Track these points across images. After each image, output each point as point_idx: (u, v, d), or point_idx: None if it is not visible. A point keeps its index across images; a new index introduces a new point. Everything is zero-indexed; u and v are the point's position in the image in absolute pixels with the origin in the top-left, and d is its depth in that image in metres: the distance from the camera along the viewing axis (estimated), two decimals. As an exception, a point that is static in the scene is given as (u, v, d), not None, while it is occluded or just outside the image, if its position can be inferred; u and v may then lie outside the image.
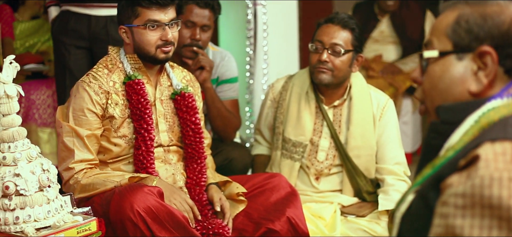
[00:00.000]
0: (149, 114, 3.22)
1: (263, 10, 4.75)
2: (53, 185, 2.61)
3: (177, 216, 2.96)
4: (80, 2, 4.11)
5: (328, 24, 3.60)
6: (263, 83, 4.77)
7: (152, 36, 3.22)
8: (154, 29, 3.21)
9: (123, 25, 3.27)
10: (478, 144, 1.55)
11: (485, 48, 1.70)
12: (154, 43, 3.22)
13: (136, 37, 3.24)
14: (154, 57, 3.25)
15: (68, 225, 2.61)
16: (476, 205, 1.47)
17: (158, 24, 3.21)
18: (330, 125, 3.67)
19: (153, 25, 3.21)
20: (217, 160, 3.71)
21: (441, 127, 1.75)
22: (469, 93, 1.73)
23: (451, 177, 1.53)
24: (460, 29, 1.74)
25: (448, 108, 1.75)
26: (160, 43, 3.22)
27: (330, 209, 3.62)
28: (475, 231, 1.46)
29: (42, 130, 5.34)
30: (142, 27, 3.21)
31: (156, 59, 3.26)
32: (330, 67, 3.55)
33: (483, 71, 1.71)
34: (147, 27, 3.21)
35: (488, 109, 1.67)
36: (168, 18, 3.22)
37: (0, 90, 2.51)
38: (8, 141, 2.54)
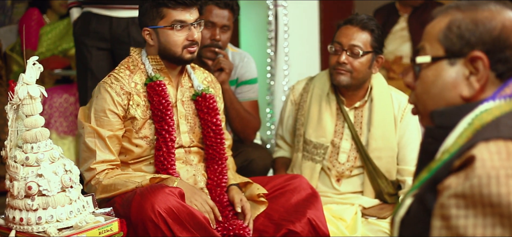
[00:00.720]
0: (170, 115, 3.23)
1: (284, 11, 4.75)
2: (76, 186, 2.62)
3: (198, 217, 2.97)
4: (102, 3, 4.13)
5: (347, 26, 3.59)
6: (283, 84, 4.76)
7: (178, 37, 3.23)
8: (180, 29, 3.23)
9: (148, 27, 3.28)
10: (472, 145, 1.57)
11: (476, 53, 1.71)
12: (180, 44, 3.24)
13: (161, 38, 3.25)
14: (180, 57, 3.26)
15: (90, 225, 2.63)
16: (477, 204, 1.49)
17: (184, 25, 3.23)
18: (351, 126, 3.66)
19: (179, 26, 3.22)
20: (237, 161, 3.72)
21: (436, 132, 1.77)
22: (461, 98, 1.75)
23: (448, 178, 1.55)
24: (451, 34, 1.75)
25: (442, 113, 1.76)
26: (186, 43, 3.24)
27: (351, 211, 3.61)
28: (478, 230, 1.48)
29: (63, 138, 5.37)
30: (169, 28, 3.23)
31: (182, 60, 3.28)
32: (348, 69, 3.55)
33: (475, 76, 1.73)
34: (173, 28, 3.22)
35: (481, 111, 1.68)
36: (193, 18, 3.25)
37: (24, 91, 2.53)
38: (31, 141, 2.55)
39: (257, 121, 4.08)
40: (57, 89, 5.47)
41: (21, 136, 2.59)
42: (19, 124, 2.58)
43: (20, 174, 2.54)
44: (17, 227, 2.58)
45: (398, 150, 3.66)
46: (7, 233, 2.58)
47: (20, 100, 2.53)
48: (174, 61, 3.29)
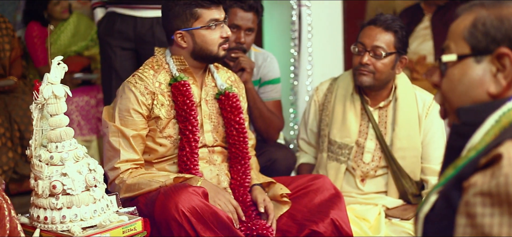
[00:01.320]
0: (194, 115, 3.24)
1: (307, 11, 4.74)
2: (99, 185, 2.63)
3: (222, 217, 2.97)
4: (126, 3, 4.14)
5: (370, 26, 3.58)
6: (307, 85, 4.75)
7: (215, 35, 3.27)
8: (215, 28, 3.26)
9: (180, 30, 3.28)
10: (500, 142, 1.56)
11: (503, 50, 1.70)
12: (216, 42, 3.27)
13: (197, 39, 3.26)
14: (216, 55, 3.29)
15: (114, 224, 2.64)
16: (503, 203, 1.48)
17: (218, 23, 3.26)
18: (376, 126, 3.65)
19: (215, 24, 3.25)
20: (261, 161, 3.71)
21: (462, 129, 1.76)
22: (488, 95, 1.74)
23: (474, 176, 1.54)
24: (477, 32, 1.74)
25: (468, 110, 1.75)
26: (221, 41, 3.28)
27: (375, 211, 3.60)
28: (504, 230, 1.47)
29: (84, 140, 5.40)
30: (206, 27, 3.24)
31: (218, 57, 3.31)
32: (371, 70, 3.54)
33: (501, 73, 1.72)
34: (210, 27, 3.24)
35: (508, 108, 1.68)
36: (223, 16, 3.30)
37: (48, 90, 2.54)
38: (56, 141, 2.57)
39: (280, 121, 4.08)
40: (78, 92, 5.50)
41: (45, 135, 2.60)
42: (43, 124, 2.60)
43: (44, 173, 2.56)
44: (42, 226, 2.60)
45: (422, 148, 3.64)
46: (32, 232, 2.60)
47: (45, 100, 2.55)
48: (209, 60, 3.32)
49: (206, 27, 3.25)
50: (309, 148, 3.94)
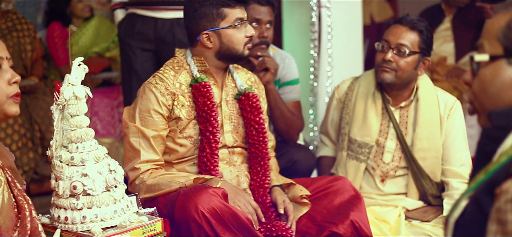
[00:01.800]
0: (215, 116, 3.24)
1: (327, 13, 4.73)
2: (120, 186, 2.64)
3: (241, 218, 2.97)
4: (147, 5, 4.15)
5: (396, 25, 3.58)
6: (327, 86, 4.75)
7: (240, 34, 3.28)
8: (240, 27, 3.27)
9: (207, 30, 3.28)
10: None
11: None
12: (242, 41, 3.29)
13: (224, 39, 3.27)
14: (241, 54, 3.31)
15: (134, 225, 2.64)
16: None
17: (243, 22, 3.28)
18: (397, 126, 3.64)
19: (240, 24, 3.27)
20: (281, 162, 3.71)
21: (494, 133, 1.72)
22: None
23: (506, 182, 1.51)
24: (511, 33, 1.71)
25: (500, 114, 1.72)
26: (246, 40, 3.29)
27: (395, 213, 3.59)
28: None
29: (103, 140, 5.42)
30: (232, 27, 3.25)
31: (243, 57, 3.33)
32: (394, 67, 3.53)
33: None
34: (236, 27, 3.25)
35: None
36: (246, 15, 3.31)
37: (69, 91, 2.55)
38: (76, 141, 2.58)
39: (300, 122, 4.07)
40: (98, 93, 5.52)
41: (66, 136, 2.61)
42: (64, 124, 2.61)
43: (65, 173, 2.57)
44: (62, 226, 2.61)
45: (442, 150, 3.63)
46: (52, 232, 2.61)
47: (66, 101, 2.56)
48: (234, 59, 3.34)
49: (232, 27, 3.26)
50: (330, 143, 3.94)
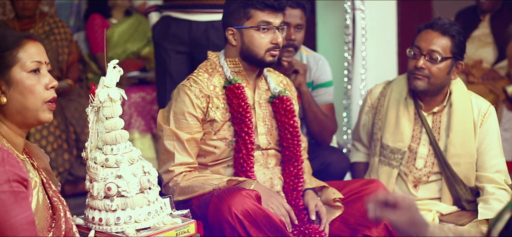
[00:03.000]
0: (250, 117, 3.25)
1: (361, 15, 4.72)
2: (154, 187, 2.65)
3: (274, 220, 2.98)
4: (181, 8, 4.17)
5: (427, 30, 3.54)
6: (361, 89, 4.73)
7: (262, 38, 3.26)
8: (265, 31, 3.25)
9: (232, 27, 3.30)
10: None
11: None
12: (264, 46, 3.26)
13: (245, 39, 3.27)
14: (262, 59, 3.28)
15: (168, 227, 2.64)
16: None
17: (270, 27, 3.25)
18: (429, 131, 3.62)
19: (265, 27, 3.24)
20: (314, 165, 3.70)
21: None
22: None
23: None
24: None
25: None
26: (270, 46, 3.26)
27: (428, 217, 3.56)
28: None
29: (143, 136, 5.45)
30: (255, 28, 3.25)
31: (263, 62, 3.30)
32: (426, 74, 3.50)
33: None
34: (259, 29, 3.25)
35: None
36: (279, 21, 3.28)
37: (104, 93, 2.57)
38: (111, 143, 2.59)
39: (334, 124, 4.06)
40: (134, 89, 5.56)
41: (101, 137, 2.63)
42: (99, 126, 2.62)
43: (99, 175, 2.58)
44: (96, 227, 2.62)
45: (477, 156, 3.59)
46: (87, 233, 2.63)
47: (101, 103, 2.58)
48: (254, 63, 3.32)
49: (255, 28, 3.26)
50: (363, 149, 3.93)
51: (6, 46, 2.37)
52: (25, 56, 2.39)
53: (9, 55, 2.37)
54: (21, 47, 2.39)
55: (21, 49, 2.39)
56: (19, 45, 2.39)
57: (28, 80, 2.39)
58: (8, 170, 2.22)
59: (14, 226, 2.21)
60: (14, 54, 2.37)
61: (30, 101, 2.40)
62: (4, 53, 2.36)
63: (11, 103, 2.38)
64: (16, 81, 2.38)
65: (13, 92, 2.38)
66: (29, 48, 2.41)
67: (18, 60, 2.38)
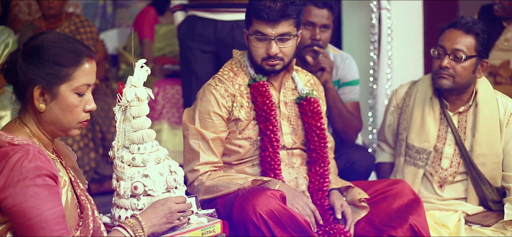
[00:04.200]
0: (274, 115, 3.25)
1: (387, 15, 4.71)
2: (180, 187, 2.65)
3: (299, 220, 2.97)
4: (207, 7, 4.18)
5: (451, 29, 3.53)
6: (386, 88, 4.72)
7: (258, 47, 3.25)
8: (260, 41, 3.24)
9: (245, 29, 3.32)
10: None
11: None
12: (260, 55, 3.26)
13: (249, 44, 3.29)
14: (260, 66, 3.28)
15: (193, 226, 2.65)
16: None
17: (265, 38, 3.23)
18: (455, 131, 3.60)
19: (259, 37, 3.24)
20: (339, 163, 3.70)
21: None
22: None
23: None
24: None
25: None
26: (265, 56, 3.25)
27: (454, 218, 3.55)
28: None
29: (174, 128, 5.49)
30: (251, 36, 3.25)
31: (263, 70, 3.29)
32: (451, 73, 3.49)
33: None
34: (254, 38, 3.24)
35: None
36: (276, 33, 3.22)
37: (131, 93, 2.58)
38: (138, 142, 2.60)
39: (359, 122, 4.04)
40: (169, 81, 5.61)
41: (128, 136, 2.64)
42: (126, 125, 2.63)
43: (126, 174, 2.59)
44: (123, 226, 2.64)
45: (503, 156, 3.57)
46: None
47: (128, 102, 2.59)
48: (257, 68, 3.31)
49: (251, 35, 3.26)
50: (388, 149, 3.92)
51: (65, 61, 2.35)
52: (79, 77, 2.38)
53: (65, 71, 2.35)
54: (78, 66, 2.37)
55: (78, 68, 2.37)
56: (77, 64, 2.37)
57: (72, 100, 2.38)
58: (39, 165, 2.24)
59: (47, 219, 2.22)
60: (70, 72, 2.36)
61: (67, 119, 2.40)
62: (61, 68, 2.35)
63: (48, 113, 2.38)
64: (61, 97, 2.37)
65: (54, 106, 2.37)
66: (85, 69, 2.39)
67: (71, 79, 2.36)
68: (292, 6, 3.22)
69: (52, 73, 2.34)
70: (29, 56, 2.35)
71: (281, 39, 3.23)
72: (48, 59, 2.34)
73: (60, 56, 2.35)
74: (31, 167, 2.23)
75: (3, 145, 2.28)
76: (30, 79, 2.34)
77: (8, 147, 2.27)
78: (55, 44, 2.36)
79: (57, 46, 2.36)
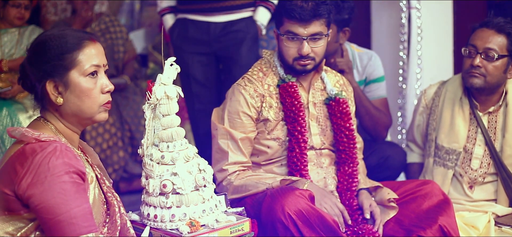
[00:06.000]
0: (303, 116, 3.24)
1: (417, 14, 4.69)
2: (209, 185, 2.66)
3: (327, 220, 2.96)
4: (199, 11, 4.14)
5: (482, 28, 3.52)
6: (416, 88, 4.70)
7: (289, 47, 3.25)
8: (292, 41, 3.23)
9: (276, 29, 3.32)
10: None
11: None
12: (291, 55, 3.25)
13: (280, 44, 3.28)
14: (292, 67, 3.28)
15: (222, 224, 2.66)
16: None
17: (297, 37, 3.23)
18: (485, 132, 3.58)
19: (289, 37, 3.23)
20: (372, 160, 3.69)
21: None
22: None
23: None
24: None
25: None
26: (297, 56, 3.24)
27: (484, 219, 3.53)
28: None
29: None
30: (283, 36, 3.24)
31: (294, 70, 3.29)
32: (482, 72, 3.47)
33: None
34: (286, 38, 3.24)
35: None
36: (308, 33, 3.21)
37: (161, 91, 2.59)
38: (167, 140, 2.61)
39: (388, 118, 4.02)
40: None
41: (157, 135, 2.65)
42: (156, 123, 2.64)
43: (155, 172, 2.60)
44: (152, 223, 2.64)
45: (533, 156, 3.56)
46: (142, 229, 2.65)
47: (158, 100, 2.60)
48: (288, 68, 3.31)
49: (283, 36, 3.25)
50: (417, 150, 3.90)
51: (67, 48, 2.38)
52: (84, 59, 2.39)
53: (69, 58, 2.37)
54: (81, 49, 2.39)
55: (81, 52, 2.39)
56: (79, 48, 2.39)
57: (85, 84, 2.40)
58: (66, 162, 2.25)
59: (76, 215, 2.23)
60: (74, 57, 2.38)
61: (86, 104, 2.42)
62: (64, 56, 2.37)
63: (67, 104, 2.40)
64: (73, 84, 2.39)
65: (70, 95, 2.39)
66: (89, 51, 2.41)
67: (78, 64, 2.38)
68: (324, 5, 3.22)
69: (58, 63, 2.36)
70: (34, 56, 2.39)
71: (313, 39, 3.23)
72: (51, 52, 2.37)
73: (62, 45, 2.37)
74: (58, 163, 2.24)
75: (30, 141, 2.29)
76: (40, 76, 2.37)
77: (35, 143, 2.29)
78: (55, 37, 2.39)
79: (57, 38, 2.39)
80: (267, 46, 5.30)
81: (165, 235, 2.62)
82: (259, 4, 4.21)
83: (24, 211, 2.29)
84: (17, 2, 4.85)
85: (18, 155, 2.29)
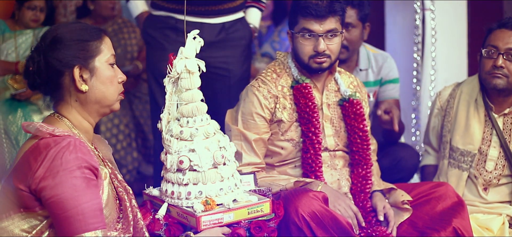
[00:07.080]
0: (317, 117, 3.24)
1: (431, 16, 4.68)
2: (229, 163, 2.65)
3: (341, 222, 2.96)
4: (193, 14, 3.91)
5: (502, 29, 3.51)
6: (430, 90, 4.70)
7: (305, 45, 3.24)
8: (308, 38, 3.23)
9: (289, 29, 3.32)
10: None
11: None
12: (307, 53, 3.24)
13: (295, 43, 3.29)
14: (308, 66, 3.28)
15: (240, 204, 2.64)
16: None
17: (312, 34, 3.23)
18: (500, 134, 3.56)
19: (305, 35, 3.23)
20: (386, 162, 3.68)
21: None
22: None
23: None
24: None
25: None
26: (313, 53, 3.24)
27: (498, 221, 3.52)
28: None
29: None
30: (298, 34, 3.24)
31: (310, 68, 3.28)
32: (505, 73, 3.46)
33: None
34: (301, 36, 3.24)
35: None
36: (323, 29, 3.22)
37: (181, 65, 2.57)
38: (187, 116, 2.60)
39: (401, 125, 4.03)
40: None
41: (179, 109, 2.64)
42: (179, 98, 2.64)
43: (173, 147, 2.60)
44: (169, 200, 2.65)
45: (549, 159, 3.54)
46: (160, 205, 2.66)
47: (178, 74, 2.59)
48: (303, 67, 3.31)
49: (298, 34, 3.25)
50: (433, 152, 3.89)
51: (91, 36, 2.43)
52: (105, 49, 2.45)
53: (94, 45, 2.42)
54: (101, 39, 2.45)
55: (102, 41, 2.45)
56: (100, 38, 2.45)
57: (109, 71, 2.45)
58: (80, 157, 2.26)
59: (85, 211, 2.23)
60: (98, 45, 2.43)
61: (110, 91, 2.46)
62: (89, 43, 2.42)
63: (92, 91, 2.43)
64: (99, 71, 2.43)
65: (96, 81, 2.43)
66: (107, 41, 2.47)
67: (101, 51, 2.43)
68: (338, 3, 3.23)
69: (84, 49, 2.40)
70: (56, 45, 2.40)
71: (328, 36, 3.23)
72: (75, 39, 2.40)
73: (84, 34, 2.42)
74: (71, 158, 2.25)
75: (44, 136, 2.31)
76: (66, 62, 2.39)
77: (49, 138, 2.30)
78: (73, 27, 2.45)
79: (76, 29, 2.44)
80: (280, 47, 5.31)
81: (180, 212, 2.62)
82: (249, 4, 4.07)
83: (39, 207, 2.29)
84: (33, 4, 4.89)
85: (32, 150, 2.30)
